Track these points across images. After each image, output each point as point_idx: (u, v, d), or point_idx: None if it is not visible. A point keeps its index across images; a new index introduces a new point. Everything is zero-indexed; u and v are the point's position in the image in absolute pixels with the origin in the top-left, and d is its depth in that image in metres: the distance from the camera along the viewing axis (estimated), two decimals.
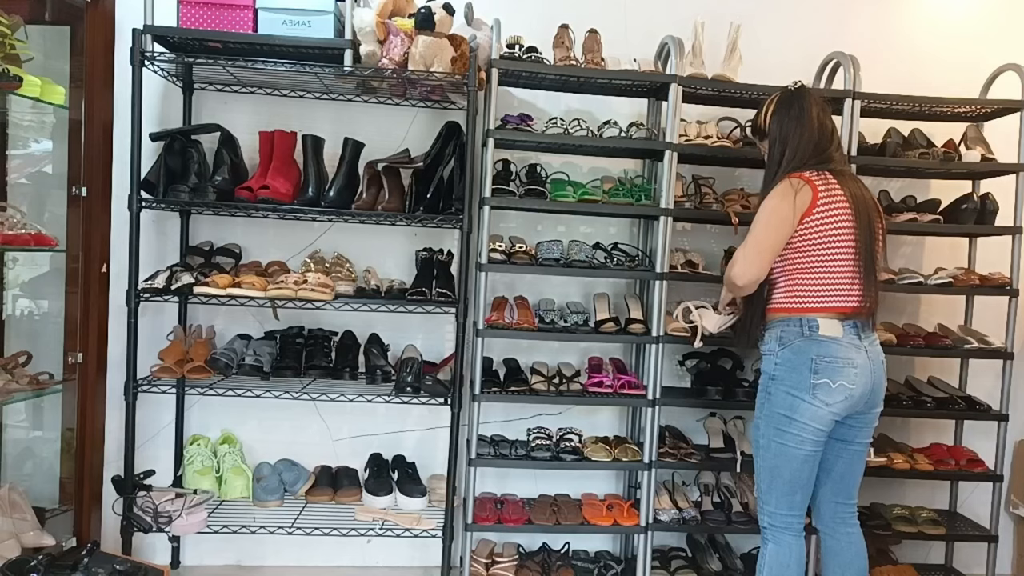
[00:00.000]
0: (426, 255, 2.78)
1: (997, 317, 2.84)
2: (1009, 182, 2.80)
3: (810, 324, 2.05)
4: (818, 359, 2.03)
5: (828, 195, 2.06)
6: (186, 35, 2.46)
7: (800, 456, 2.06)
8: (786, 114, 2.18)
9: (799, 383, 2.05)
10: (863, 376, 2.05)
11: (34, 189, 2.76)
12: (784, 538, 2.12)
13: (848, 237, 2.06)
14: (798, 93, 2.21)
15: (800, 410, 2.04)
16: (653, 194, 2.74)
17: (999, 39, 3.09)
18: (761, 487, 2.16)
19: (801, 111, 2.16)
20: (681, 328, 2.60)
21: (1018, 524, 3.18)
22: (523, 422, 2.95)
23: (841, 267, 2.06)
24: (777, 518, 2.13)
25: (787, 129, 2.17)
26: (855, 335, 2.06)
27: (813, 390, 2.02)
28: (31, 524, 2.39)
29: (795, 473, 2.08)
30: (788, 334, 2.09)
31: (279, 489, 2.71)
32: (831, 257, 2.06)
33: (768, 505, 2.14)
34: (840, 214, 2.06)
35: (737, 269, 2.09)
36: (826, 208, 2.05)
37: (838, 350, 2.03)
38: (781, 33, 3.00)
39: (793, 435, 2.05)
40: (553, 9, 2.86)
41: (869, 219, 2.09)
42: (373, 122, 2.87)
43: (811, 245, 2.07)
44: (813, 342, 2.04)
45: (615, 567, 2.77)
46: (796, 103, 2.18)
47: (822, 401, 2.02)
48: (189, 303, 2.79)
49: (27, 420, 2.80)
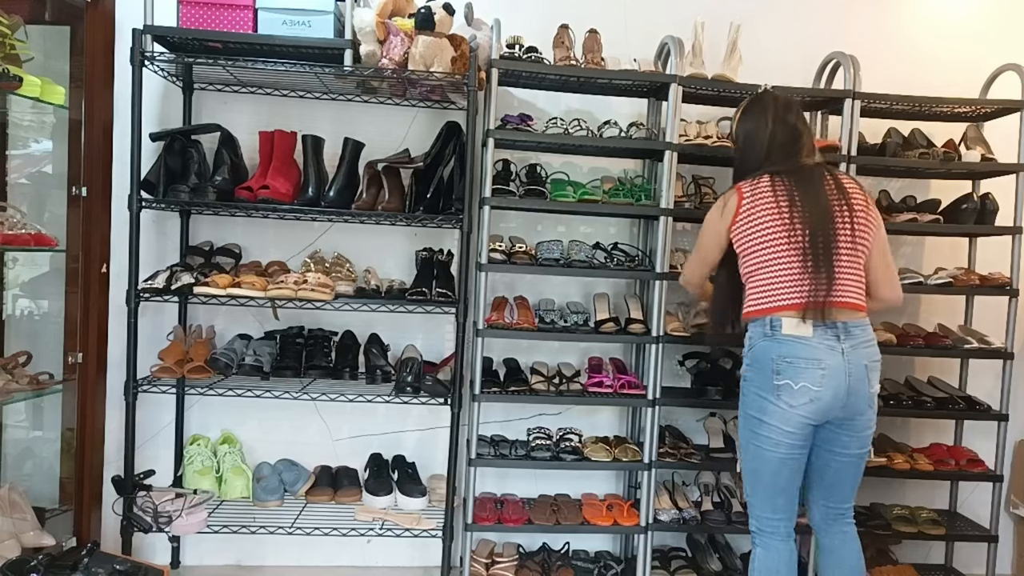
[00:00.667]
0: (426, 255, 2.78)
1: (997, 317, 2.84)
2: (1009, 182, 2.80)
3: (773, 323, 2.03)
4: (779, 359, 2.00)
5: (751, 198, 2.09)
6: (186, 35, 2.46)
7: (775, 459, 2.03)
8: (746, 117, 2.22)
9: (764, 384, 2.03)
10: (832, 379, 1.98)
11: (34, 189, 2.76)
12: (771, 543, 2.09)
13: (777, 233, 2.04)
14: (759, 97, 2.24)
15: (768, 411, 2.02)
16: (653, 194, 2.74)
17: (999, 39, 3.09)
18: (747, 490, 2.14)
19: (758, 114, 2.18)
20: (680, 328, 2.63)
21: (1018, 524, 3.18)
22: (523, 422, 2.95)
23: (782, 264, 2.04)
24: (763, 522, 2.10)
25: (745, 131, 2.21)
26: (831, 336, 2.00)
27: (776, 391, 2.00)
28: (31, 524, 2.39)
29: (773, 476, 2.05)
30: (755, 335, 2.09)
31: (279, 489, 2.71)
32: (767, 257, 2.05)
33: (754, 509, 2.12)
34: (764, 213, 2.06)
35: (683, 273, 2.38)
36: (748, 212, 2.08)
37: (802, 350, 1.99)
38: (781, 33, 3.00)
39: (765, 437, 2.03)
40: (553, 9, 2.86)
41: (820, 206, 2.04)
42: (373, 122, 2.87)
43: (748, 248, 2.09)
44: (776, 342, 2.02)
45: (615, 567, 2.77)
46: (756, 106, 2.21)
47: (786, 403, 1.99)
48: (189, 303, 2.79)
49: (27, 420, 2.80)
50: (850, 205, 2.08)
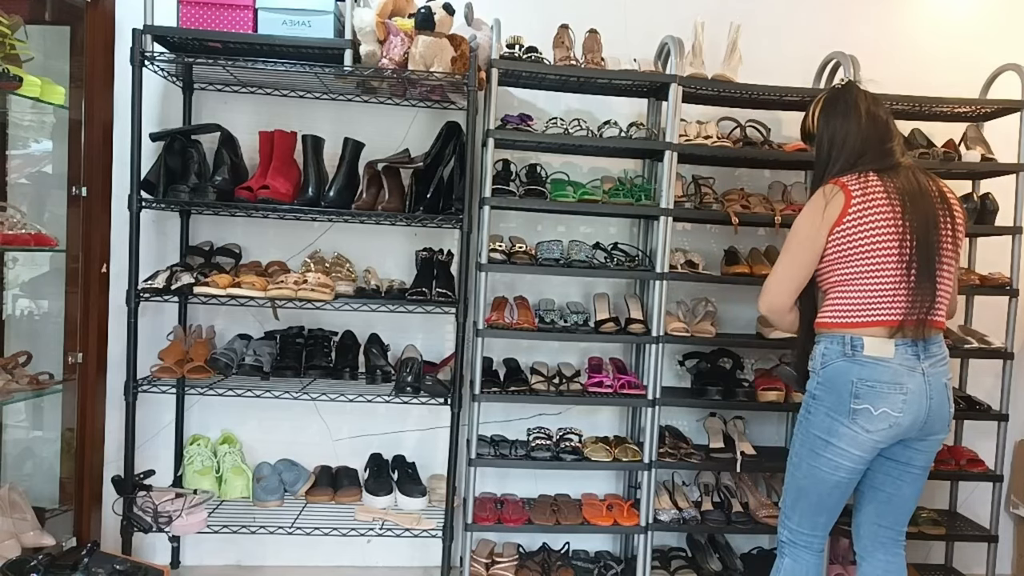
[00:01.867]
0: (426, 255, 2.78)
1: (997, 317, 2.84)
2: (1009, 182, 2.80)
3: (853, 343, 1.87)
4: (859, 383, 1.85)
5: (863, 197, 1.88)
6: (186, 35, 2.46)
7: (831, 481, 1.92)
8: (832, 111, 2.02)
9: (838, 406, 1.88)
10: (914, 403, 1.85)
11: (34, 189, 2.76)
12: (803, 555, 2.00)
13: (890, 240, 1.86)
14: (844, 89, 2.07)
15: (838, 434, 1.88)
16: (653, 194, 2.74)
17: (999, 39, 3.09)
18: (786, 502, 2.03)
19: (847, 107, 2.00)
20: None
21: (1018, 524, 3.18)
22: (523, 422, 2.95)
23: (884, 275, 1.87)
24: (798, 535, 2.00)
25: (834, 127, 2.00)
26: (912, 355, 1.86)
27: (852, 415, 1.86)
28: (31, 524, 2.39)
29: (823, 497, 1.94)
30: (831, 352, 1.92)
31: (279, 489, 2.71)
32: (871, 266, 1.87)
33: (790, 521, 2.02)
34: (879, 215, 1.86)
35: (761, 298, 2.02)
36: (859, 212, 1.87)
37: (884, 373, 1.84)
38: (781, 33, 3.00)
39: (828, 459, 1.90)
40: (553, 9, 2.86)
41: (926, 213, 1.88)
42: (373, 122, 2.87)
43: (847, 255, 1.90)
44: (856, 363, 1.86)
45: (615, 567, 2.77)
46: (842, 99, 2.03)
47: (861, 427, 1.85)
48: (189, 303, 2.79)
49: (27, 420, 2.80)
50: (951, 215, 1.93)
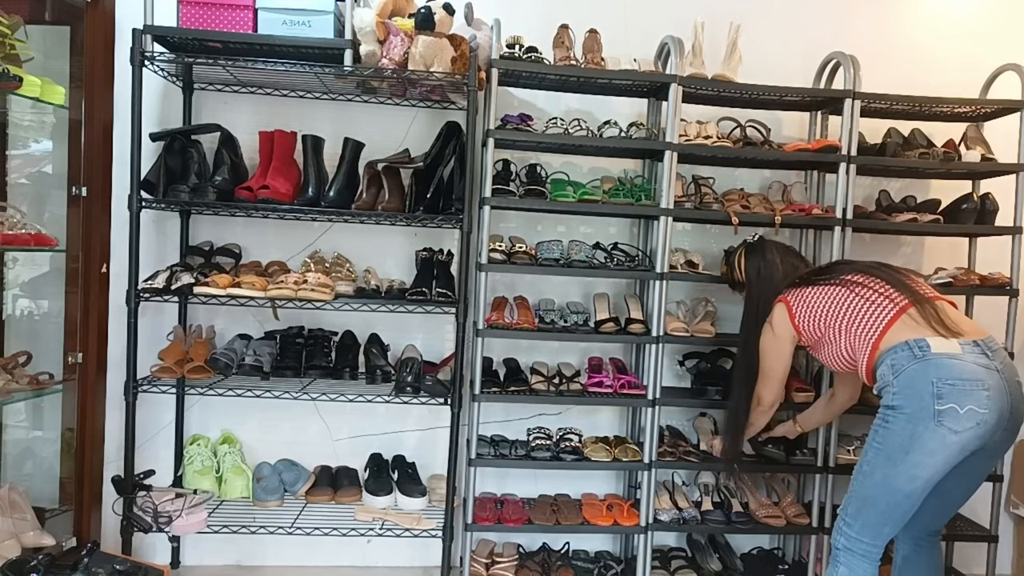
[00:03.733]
0: (426, 255, 2.78)
1: (997, 317, 2.84)
2: (1009, 182, 2.80)
3: (919, 345, 1.88)
4: (939, 382, 1.82)
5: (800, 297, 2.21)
6: (186, 35, 2.46)
7: (905, 491, 1.87)
8: (750, 260, 2.42)
9: (921, 411, 1.84)
10: (997, 400, 1.83)
11: (34, 189, 2.76)
12: (859, 564, 1.96)
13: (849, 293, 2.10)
14: (759, 243, 2.46)
15: (922, 439, 1.83)
16: (653, 194, 2.74)
17: (999, 39, 3.09)
18: (848, 510, 1.99)
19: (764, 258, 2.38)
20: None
21: (1018, 524, 3.18)
22: (523, 422, 2.95)
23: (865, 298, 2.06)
24: (857, 544, 1.96)
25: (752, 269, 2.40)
26: (980, 353, 1.88)
27: (938, 417, 1.81)
28: (31, 524, 2.39)
29: (893, 508, 1.90)
30: (899, 359, 1.91)
31: (279, 489, 2.71)
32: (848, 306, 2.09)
33: (850, 530, 1.97)
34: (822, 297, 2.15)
35: (762, 405, 2.39)
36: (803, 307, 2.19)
37: (962, 370, 1.83)
38: (781, 33, 3.00)
39: (906, 468, 1.85)
40: (553, 9, 2.86)
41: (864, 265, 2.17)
42: (373, 122, 2.87)
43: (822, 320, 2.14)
44: (930, 364, 1.85)
45: (615, 567, 2.78)
46: (758, 252, 2.41)
47: (948, 428, 1.81)
48: (189, 303, 2.79)
49: (27, 420, 2.80)
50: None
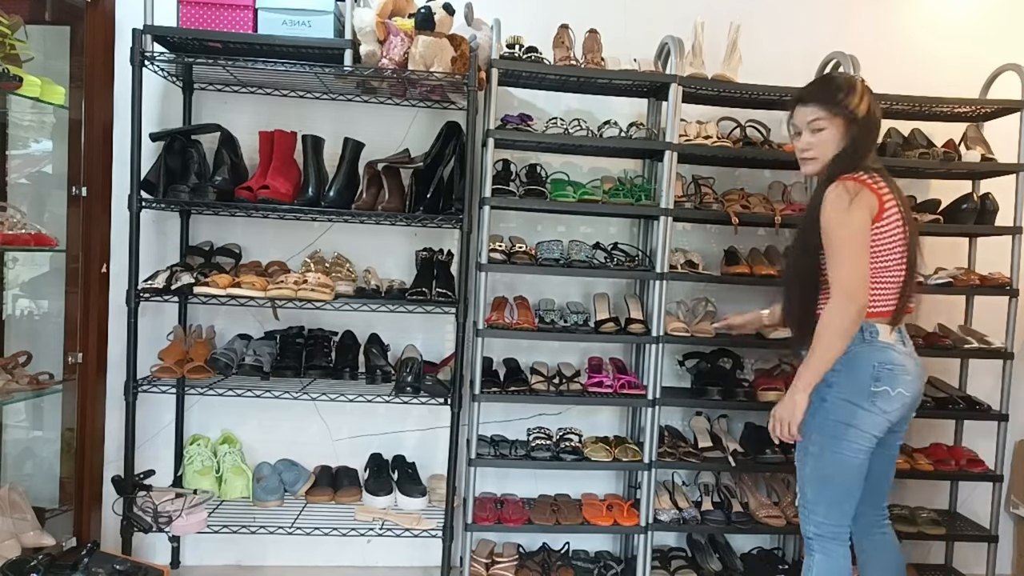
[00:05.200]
0: (426, 255, 2.78)
1: (997, 317, 2.84)
2: (1009, 182, 2.80)
3: (871, 330, 1.98)
4: (879, 366, 1.96)
5: (890, 201, 1.98)
6: (186, 35, 2.46)
7: (855, 464, 1.99)
8: (873, 99, 2.05)
9: (857, 390, 1.97)
10: (915, 384, 2.02)
11: (34, 189, 2.76)
12: (833, 547, 2.04)
13: (901, 241, 2.00)
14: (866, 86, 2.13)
15: (858, 417, 1.96)
16: (653, 194, 2.74)
17: (999, 39, 3.09)
18: (808, 496, 2.06)
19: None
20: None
21: (1018, 524, 3.18)
22: (523, 422, 2.95)
23: (893, 272, 2.00)
24: (825, 528, 2.04)
25: (877, 112, 2.05)
26: (903, 341, 2.04)
27: (872, 398, 1.96)
28: (31, 524, 2.39)
29: (848, 482, 2.01)
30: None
31: (279, 489, 2.71)
32: (888, 263, 2.00)
33: (815, 515, 2.05)
34: (897, 219, 1.99)
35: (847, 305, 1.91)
36: (889, 215, 1.97)
37: (896, 357, 1.98)
38: (781, 33, 3.00)
39: (849, 443, 1.97)
40: (553, 9, 2.86)
41: (914, 220, 2.07)
42: (373, 122, 2.86)
43: (873, 252, 1.98)
44: (875, 349, 1.98)
45: (615, 567, 2.78)
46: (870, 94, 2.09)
47: (880, 409, 1.96)
48: (189, 303, 2.79)
49: (27, 420, 2.80)
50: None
